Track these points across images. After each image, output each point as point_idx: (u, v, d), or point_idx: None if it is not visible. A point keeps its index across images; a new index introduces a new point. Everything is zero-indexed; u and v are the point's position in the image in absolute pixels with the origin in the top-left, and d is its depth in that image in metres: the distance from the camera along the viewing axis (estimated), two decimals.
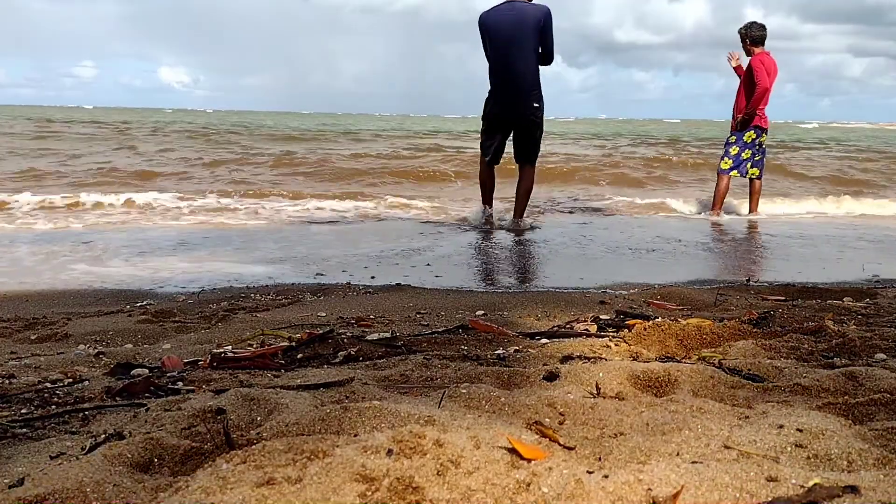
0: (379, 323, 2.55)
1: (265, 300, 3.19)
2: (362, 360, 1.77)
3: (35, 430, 1.28)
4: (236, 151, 14.06)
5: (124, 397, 1.47)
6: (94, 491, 0.92)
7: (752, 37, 6.98)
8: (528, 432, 1.09)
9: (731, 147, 7.10)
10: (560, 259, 4.64)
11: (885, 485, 0.85)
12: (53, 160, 11.61)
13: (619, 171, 11.63)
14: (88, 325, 2.61)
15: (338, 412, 1.13)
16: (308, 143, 16.96)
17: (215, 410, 1.24)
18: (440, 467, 0.89)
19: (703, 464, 0.92)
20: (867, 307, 2.59)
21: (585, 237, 5.62)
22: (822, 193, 9.52)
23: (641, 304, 2.89)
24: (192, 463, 1.05)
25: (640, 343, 1.87)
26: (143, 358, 2.01)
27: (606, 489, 0.86)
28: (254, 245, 5.02)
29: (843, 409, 1.25)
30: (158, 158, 12.43)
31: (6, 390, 1.55)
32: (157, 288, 3.60)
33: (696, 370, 1.46)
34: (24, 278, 3.81)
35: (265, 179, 9.87)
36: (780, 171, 11.87)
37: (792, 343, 1.80)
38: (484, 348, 1.93)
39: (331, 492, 0.83)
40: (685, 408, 1.21)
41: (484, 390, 1.27)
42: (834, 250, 5.18)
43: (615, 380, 1.41)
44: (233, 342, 2.16)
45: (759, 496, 0.85)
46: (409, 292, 3.35)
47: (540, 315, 2.70)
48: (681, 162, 13.30)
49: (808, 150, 18.48)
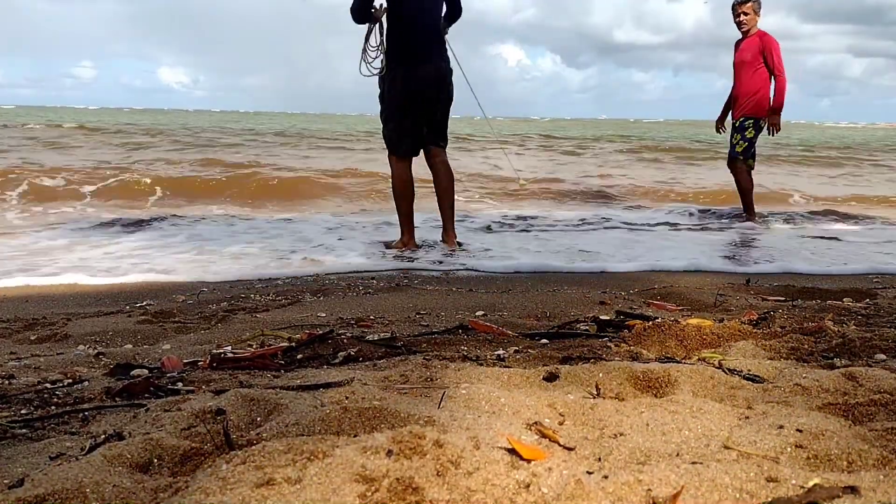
0: (379, 323, 2.55)
1: (265, 300, 3.19)
2: (362, 361, 1.76)
3: (35, 430, 1.28)
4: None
5: (124, 398, 1.47)
6: (93, 491, 0.92)
7: (760, 6, 6.44)
8: (528, 433, 1.09)
9: (747, 131, 6.59)
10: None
11: (885, 485, 0.85)
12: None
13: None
14: (88, 326, 2.61)
15: (338, 412, 1.13)
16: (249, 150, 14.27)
17: (215, 411, 1.24)
18: (440, 468, 0.89)
19: (703, 464, 0.92)
20: (867, 307, 2.59)
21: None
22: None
23: (641, 305, 2.89)
24: (192, 463, 1.05)
25: (639, 343, 1.86)
26: (143, 358, 2.01)
27: (606, 489, 0.86)
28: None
29: (843, 410, 1.25)
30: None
31: (6, 391, 1.55)
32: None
33: (696, 371, 1.46)
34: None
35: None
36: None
37: (792, 343, 1.80)
38: (484, 349, 1.93)
39: (330, 492, 0.83)
40: (685, 408, 1.21)
41: (484, 391, 1.27)
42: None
43: (615, 380, 1.41)
44: (232, 343, 2.16)
45: (759, 497, 0.85)
46: (408, 292, 3.35)
47: (540, 315, 2.71)
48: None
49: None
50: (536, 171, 11.02)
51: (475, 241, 5.32)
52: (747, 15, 6.55)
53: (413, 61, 4.69)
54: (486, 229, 6.03)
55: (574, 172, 11.58)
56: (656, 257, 4.71)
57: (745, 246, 5.46)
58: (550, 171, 11.52)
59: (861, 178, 12.02)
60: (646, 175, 11.35)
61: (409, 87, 4.68)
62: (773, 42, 6.50)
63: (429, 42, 4.73)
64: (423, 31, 4.70)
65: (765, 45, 6.50)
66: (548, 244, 5.32)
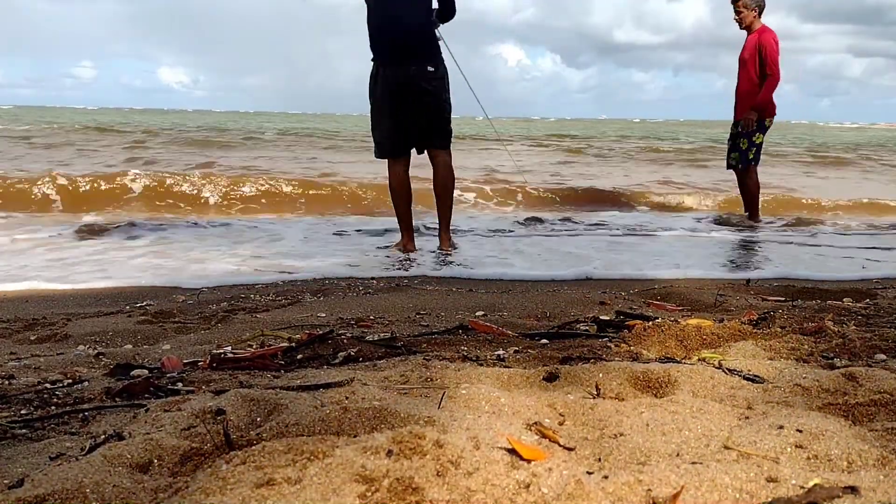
0: (379, 323, 2.55)
1: (265, 300, 3.19)
2: (362, 361, 1.76)
3: (35, 430, 1.28)
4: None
5: (124, 398, 1.47)
6: (93, 492, 0.92)
7: (760, 5, 6.37)
8: (528, 433, 1.09)
9: (754, 136, 6.50)
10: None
11: (885, 485, 0.85)
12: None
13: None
14: (88, 326, 2.61)
15: (338, 413, 1.13)
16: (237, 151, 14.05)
17: (215, 411, 1.24)
18: (440, 468, 0.89)
19: (703, 464, 0.92)
20: (867, 307, 2.59)
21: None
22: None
23: (641, 305, 2.89)
24: (192, 463, 1.05)
25: (639, 343, 1.86)
26: (143, 358, 2.01)
27: (606, 490, 0.86)
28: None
29: (843, 410, 1.25)
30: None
31: (6, 391, 1.55)
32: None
33: (696, 371, 1.46)
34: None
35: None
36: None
37: (792, 343, 1.80)
38: (484, 349, 1.93)
39: (330, 492, 0.83)
40: (685, 408, 1.21)
41: (484, 391, 1.27)
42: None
43: (615, 380, 1.41)
44: (232, 343, 2.16)
45: (759, 497, 0.85)
46: (408, 293, 3.35)
47: (540, 315, 2.71)
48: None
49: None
50: (534, 172, 11.02)
51: (471, 244, 5.26)
52: (741, 12, 6.46)
53: (386, 61, 4.52)
54: (483, 232, 6.00)
55: (574, 173, 11.58)
56: (654, 264, 4.60)
57: (746, 250, 5.42)
58: (553, 173, 11.51)
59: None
60: (650, 176, 11.34)
61: (385, 87, 4.52)
62: (770, 39, 6.37)
63: (403, 42, 4.46)
64: (396, 30, 4.45)
65: (761, 42, 6.38)
66: (540, 247, 5.29)
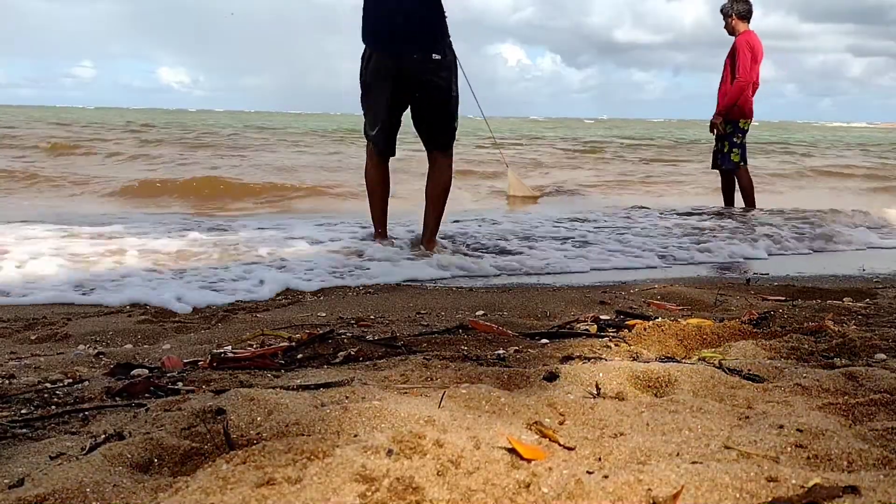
0: (379, 323, 2.55)
1: (265, 300, 3.19)
2: (362, 361, 1.76)
3: (35, 430, 1.28)
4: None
5: (124, 397, 1.47)
6: (93, 491, 0.92)
7: (737, 11, 6.55)
8: (528, 432, 1.09)
9: (734, 137, 6.71)
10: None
11: (885, 485, 0.85)
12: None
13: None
14: (88, 325, 2.61)
15: (338, 412, 1.13)
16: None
17: (215, 410, 1.24)
18: (440, 467, 0.89)
19: (703, 464, 0.92)
20: (867, 307, 2.59)
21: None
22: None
23: (641, 305, 2.89)
24: (192, 463, 1.05)
25: (640, 343, 1.86)
26: (143, 358, 2.01)
27: (606, 489, 0.86)
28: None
29: (843, 409, 1.25)
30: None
31: (6, 390, 1.55)
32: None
33: (696, 370, 1.46)
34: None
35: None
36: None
37: (792, 343, 1.80)
38: (484, 348, 1.93)
39: (331, 492, 0.83)
40: (685, 408, 1.21)
41: (484, 390, 1.27)
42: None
43: (615, 380, 1.41)
44: (233, 342, 2.16)
45: (759, 496, 0.85)
46: (409, 292, 3.35)
47: (540, 315, 2.71)
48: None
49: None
50: (533, 174, 11.01)
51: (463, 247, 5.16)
52: (725, 20, 6.71)
53: (374, 45, 4.14)
54: (476, 237, 5.83)
55: (575, 173, 11.58)
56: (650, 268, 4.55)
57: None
58: (555, 173, 11.50)
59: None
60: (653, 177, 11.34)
61: (371, 72, 4.16)
62: (743, 43, 6.55)
63: (393, 25, 4.02)
64: (385, 9, 4.04)
65: (735, 45, 6.60)
66: (533, 250, 5.21)
